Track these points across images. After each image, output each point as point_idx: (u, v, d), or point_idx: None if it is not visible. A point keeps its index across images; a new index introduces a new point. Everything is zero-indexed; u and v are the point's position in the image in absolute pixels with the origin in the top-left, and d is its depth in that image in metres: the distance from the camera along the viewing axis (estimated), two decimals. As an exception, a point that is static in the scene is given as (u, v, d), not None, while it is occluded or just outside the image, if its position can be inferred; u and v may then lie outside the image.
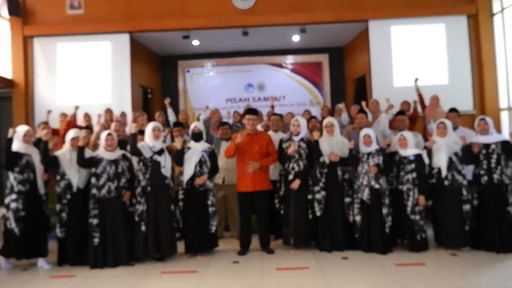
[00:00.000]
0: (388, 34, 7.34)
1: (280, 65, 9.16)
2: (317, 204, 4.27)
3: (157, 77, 9.04)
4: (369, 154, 4.25)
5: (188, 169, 4.16)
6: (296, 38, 8.19)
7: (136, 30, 7.29)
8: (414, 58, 7.31)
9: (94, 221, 3.94)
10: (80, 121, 5.97)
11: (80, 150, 3.96)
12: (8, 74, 7.32)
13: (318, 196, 4.28)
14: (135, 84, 7.65)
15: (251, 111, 4.33)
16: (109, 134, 4.12)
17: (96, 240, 3.91)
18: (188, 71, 9.14)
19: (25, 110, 7.25)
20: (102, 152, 4.05)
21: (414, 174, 4.16)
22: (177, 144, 4.21)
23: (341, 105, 6.14)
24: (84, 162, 3.98)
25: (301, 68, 9.14)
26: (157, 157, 4.06)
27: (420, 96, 6.09)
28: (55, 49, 7.30)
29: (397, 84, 7.24)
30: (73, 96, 7.18)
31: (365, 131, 4.36)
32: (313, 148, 4.30)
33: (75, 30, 7.26)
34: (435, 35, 7.36)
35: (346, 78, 9.03)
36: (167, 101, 6.48)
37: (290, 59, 9.17)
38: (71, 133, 4.14)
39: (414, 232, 4.12)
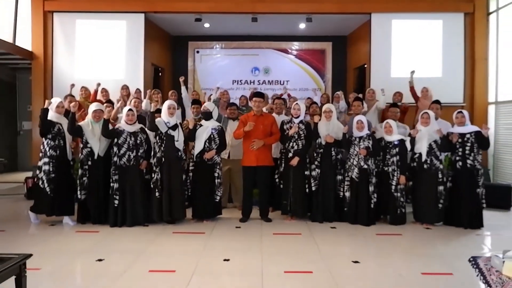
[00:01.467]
0: (389, 27, 7.75)
1: (285, 51, 9.58)
2: (312, 180, 4.83)
3: (168, 57, 9.47)
4: (360, 138, 4.78)
5: (199, 144, 4.69)
6: (302, 26, 8.59)
7: (151, 10, 7.69)
8: (412, 51, 7.75)
9: (115, 186, 4.49)
10: (99, 96, 6.45)
11: (105, 122, 4.49)
12: (28, 47, 7.77)
13: (313, 173, 4.83)
14: (148, 62, 8.09)
15: (258, 94, 4.86)
16: (130, 109, 4.64)
17: (116, 202, 4.48)
18: (198, 52, 9.57)
19: (44, 81, 7.71)
20: (123, 124, 4.58)
21: (398, 157, 4.71)
22: (190, 123, 4.72)
23: (339, 93, 6.63)
24: (108, 133, 4.51)
25: (305, 55, 9.57)
26: (171, 132, 4.59)
27: (412, 88, 6.55)
28: (74, 25, 7.70)
29: (394, 74, 7.69)
30: (89, 71, 7.63)
31: (358, 117, 4.88)
32: (311, 130, 4.83)
33: (94, 7, 7.64)
34: (432, 30, 7.78)
35: (348, 66, 9.47)
36: (181, 79, 6.89)
37: (295, 45, 9.59)
38: (93, 106, 4.66)
39: (395, 207, 4.70)
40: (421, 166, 4.70)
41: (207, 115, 4.75)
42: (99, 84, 6.54)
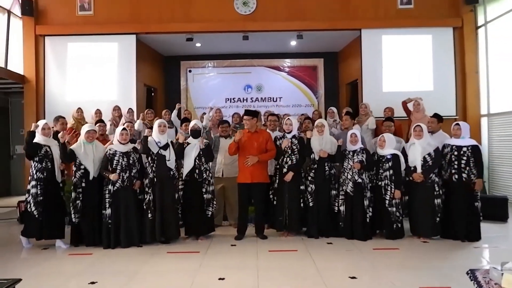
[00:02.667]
0: (379, 42, 7.88)
1: (277, 68, 9.68)
2: (309, 196, 4.78)
3: (160, 77, 9.52)
4: (354, 151, 4.77)
5: (188, 162, 4.63)
6: (293, 43, 8.71)
7: (142, 32, 7.77)
8: (402, 65, 7.88)
9: (109, 207, 4.41)
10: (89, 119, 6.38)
11: (63, 146, 4.43)
12: (20, 70, 7.78)
13: (308, 188, 4.79)
14: (140, 82, 8.13)
15: (248, 112, 4.87)
16: (124, 129, 4.61)
17: (110, 223, 4.40)
18: (190, 71, 9.64)
19: (36, 105, 7.72)
20: (115, 145, 4.53)
21: (391, 171, 4.68)
22: (180, 138, 4.70)
23: (333, 108, 6.65)
24: (65, 156, 4.49)
25: (297, 71, 9.67)
26: (162, 152, 4.55)
27: (404, 103, 6.57)
28: (66, 48, 7.76)
29: (386, 89, 7.78)
30: (81, 93, 7.65)
31: (352, 131, 4.88)
32: (304, 144, 4.81)
33: (85, 30, 7.72)
34: (422, 45, 7.92)
35: (340, 82, 9.57)
36: (178, 105, 6.91)
37: (287, 63, 9.70)
38: (86, 127, 4.61)
39: (391, 222, 4.64)
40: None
41: (196, 133, 4.73)
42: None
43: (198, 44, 8.67)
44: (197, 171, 4.63)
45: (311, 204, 4.77)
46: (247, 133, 4.75)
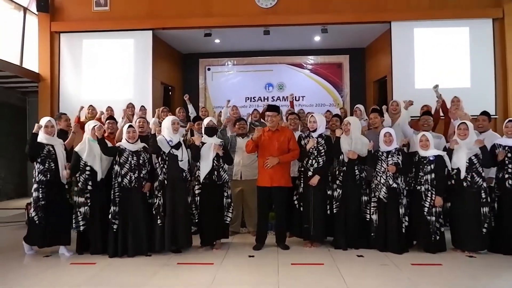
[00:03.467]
0: (411, 36, 7.28)
1: (300, 65, 9.18)
2: (334, 202, 4.29)
3: (178, 75, 9.20)
4: (388, 152, 4.24)
5: (206, 164, 4.20)
6: (317, 38, 8.21)
7: (159, 27, 7.44)
8: (437, 60, 7.25)
9: (115, 209, 4.03)
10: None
11: (100, 141, 4.06)
12: (35, 68, 7.60)
13: (335, 193, 4.30)
14: (156, 81, 7.80)
15: (272, 107, 4.37)
16: (130, 126, 4.23)
17: (115, 227, 4.01)
18: (209, 69, 9.27)
19: (51, 103, 7.50)
20: (124, 143, 4.17)
21: (433, 175, 4.11)
22: (196, 140, 4.28)
23: (359, 106, 6.10)
24: (109, 150, 4.10)
25: (321, 69, 9.14)
26: (174, 151, 4.14)
27: (443, 103, 5.97)
28: (81, 45, 7.52)
29: (419, 86, 7.17)
30: (97, 91, 7.39)
31: (386, 129, 4.34)
32: (332, 144, 4.32)
33: (101, 27, 7.46)
34: (458, 38, 7.27)
35: (367, 80, 8.99)
36: (186, 97, 6.60)
37: (310, 60, 9.18)
38: (91, 123, 4.25)
39: (429, 233, 4.08)
40: (460, 184, 4.09)
41: (211, 131, 4.31)
42: (82, 108, 6.11)
43: (217, 41, 8.29)
44: (215, 173, 4.20)
45: (336, 210, 4.28)
46: (267, 131, 4.28)
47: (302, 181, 4.36)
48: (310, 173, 4.26)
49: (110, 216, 4.02)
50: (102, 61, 7.50)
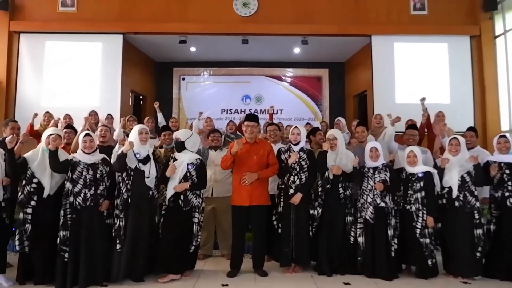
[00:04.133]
0: (391, 50, 7.17)
1: (279, 78, 8.92)
2: (318, 223, 3.90)
3: (150, 84, 8.71)
4: (375, 169, 3.91)
5: (172, 185, 3.64)
6: (296, 50, 7.98)
7: (131, 31, 6.97)
8: (417, 75, 7.16)
9: (66, 234, 3.43)
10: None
11: (52, 154, 3.49)
12: (-11, 71, 6.93)
13: (314, 212, 3.91)
14: (126, 88, 7.30)
15: (251, 117, 3.93)
16: (87, 134, 3.67)
17: (66, 256, 3.40)
18: (183, 79, 8.84)
19: (5, 109, 6.82)
20: (79, 154, 3.60)
21: (423, 193, 3.81)
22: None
23: (340, 119, 5.82)
24: (58, 166, 3.51)
25: (300, 82, 8.91)
26: (141, 166, 3.62)
27: (428, 119, 5.79)
28: (43, 47, 6.94)
29: (399, 100, 7.03)
30: (58, 97, 6.81)
31: (372, 143, 4.03)
32: (315, 159, 3.95)
33: (66, 28, 6.92)
34: (438, 54, 7.23)
35: (346, 94, 8.82)
36: (156, 104, 6.16)
37: (289, 72, 8.94)
38: (49, 130, 3.70)
39: (424, 256, 3.73)
40: (452, 203, 3.80)
41: (178, 146, 3.75)
42: (35, 115, 5.39)
43: (192, 49, 7.90)
44: (182, 197, 3.61)
45: (313, 231, 3.89)
46: (244, 143, 3.85)
47: (281, 200, 3.95)
48: (291, 191, 3.85)
49: (59, 243, 3.41)
50: (66, 65, 6.93)
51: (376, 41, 7.15)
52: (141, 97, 8.31)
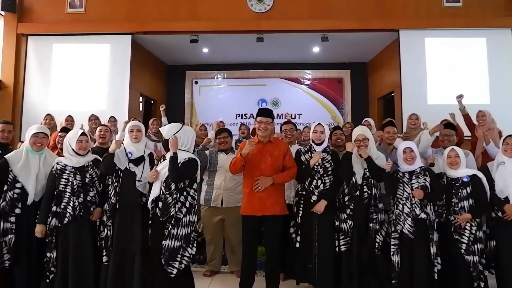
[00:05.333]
0: (422, 46, 6.52)
1: (297, 80, 8.37)
2: (342, 236, 3.30)
3: (161, 87, 8.33)
4: (412, 173, 3.29)
5: (154, 188, 3.02)
6: (316, 49, 7.43)
7: (139, 31, 6.59)
8: (451, 74, 6.46)
9: (52, 255, 2.99)
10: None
11: None
12: (-3, 75, 6.68)
13: (343, 225, 3.31)
14: (135, 92, 6.92)
15: (264, 111, 3.35)
16: (83, 133, 3.22)
17: (51, 276, 2.95)
18: (196, 83, 8.42)
19: (12, 114, 6.54)
20: (65, 158, 3.14)
21: (471, 201, 3.18)
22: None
23: (369, 119, 5.21)
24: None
25: (320, 84, 8.34)
26: (132, 167, 3.10)
27: (467, 117, 5.13)
28: (51, 50, 6.65)
29: (432, 101, 6.36)
30: (66, 101, 6.49)
31: (406, 144, 3.41)
32: (339, 162, 3.37)
33: (74, 29, 6.62)
34: (474, 49, 6.53)
35: (370, 97, 8.18)
36: (162, 107, 5.76)
37: (308, 74, 8.39)
38: (34, 128, 3.25)
39: (470, 277, 3.08)
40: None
41: (166, 144, 3.13)
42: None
43: (205, 50, 7.48)
44: (160, 204, 2.94)
45: (343, 248, 3.29)
46: (257, 143, 3.27)
47: (301, 208, 3.37)
48: (314, 198, 3.27)
49: (45, 264, 2.97)
50: (74, 68, 6.62)
51: (404, 36, 6.52)
52: (151, 101, 7.92)
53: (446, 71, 6.46)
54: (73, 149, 3.13)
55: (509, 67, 6.44)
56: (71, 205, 3.00)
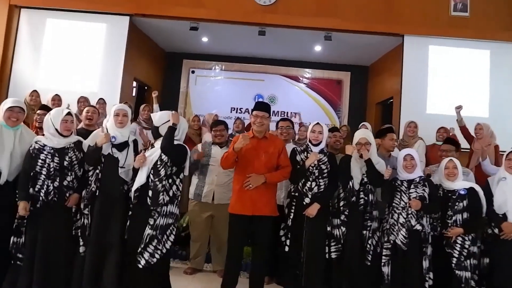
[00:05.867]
0: (426, 53, 6.39)
1: (296, 78, 8.20)
2: (333, 243, 3.15)
3: (157, 74, 8.08)
4: (410, 182, 3.17)
5: (140, 176, 2.85)
6: (318, 48, 7.27)
7: (139, 13, 6.35)
8: (452, 84, 6.36)
9: (19, 240, 2.78)
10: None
11: None
12: (-16, 46, 6.39)
13: (336, 231, 3.16)
14: (129, 76, 6.68)
15: (261, 105, 3.18)
16: (69, 113, 2.99)
17: (21, 258, 2.74)
18: (193, 72, 8.19)
19: (-2, 89, 6.27)
20: (44, 137, 2.92)
21: (465, 215, 3.09)
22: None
23: (366, 124, 5.09)
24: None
25: (318, 84, 8.18)
26: (115, 152, 2.90)
27: (464, 128, 5.05)
28: (44, 24, 6.35)
29: (431, 110, 6.25)
30: (56, 79, 6.21)
31: (407, 151, 3.30)
32: (336, 164, 3.22)
33: (70, 5, 6.32)
34: (478, 61, 6.43)
35: (369, 101, 8.06)
36: (154, 94, 5.47)
37: (307, 73, 8.22)
38: (9, 102, 2.98)
39: (461, 294, 2.98)
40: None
41: (154, 132, 3.01)
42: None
43: (204, 39, 7.26)
44: (150, 192, 2.81)
45: (335, 255, 3.15)
46: (251, 138, 3.11)
47: (293, 211, 3.22)
48: (307, 200, 3.12)
49: (10, 248, 2.75)
50: (67, 45, 6.32)
51: (408, 42, 6.39)
52: (145, 87, 7.69)
53: (447, 81, 6.36)
54: (56, 129, 2.92)
55: (510, 81, 6.37)
56: (45, 189, 2.79)
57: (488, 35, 6.37)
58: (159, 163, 2.82)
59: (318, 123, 3.29)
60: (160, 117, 2.92)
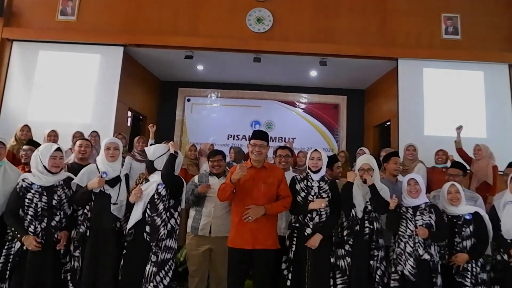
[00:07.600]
0: (420, 76, 6.43)
1: (292, 103, 8.19)
2: (339, 274, 2.99)
3: (153, 103, 8.04)
4: (416, 208, 3.04)
5: (136, 211, 2.77)
6: (313, 73, 7.28)
7: (132, 44, 6.35)
8: (449, 105, 6.37)
9: (4, 284, 2.61)
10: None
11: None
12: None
13: (341, 262, 3.01)
14: (124, 106, 6.63)
15: (259, 134, 3.07)
16: (58, 149, 2.87)
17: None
18: (189, 100, 8.16)
19: (-13, 121, 6.16)
20: (32, 175, 2.77)
21: (473, 241, 2.97)
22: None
23: (364, 149, 5.01)
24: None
25: (315, 109, 8.16)
26: (107, 189, 2.79)
27: (461, 150, 5.00)
28: (36, 57, 6.35)
29: (429, 132, 6.20)
30: (48, 111, 6.15)
31: (410, 175, 3.19)
32: (338, 192, 3.10)
33: (63, 38, 6.35)
34: (472, 82, 6.47)
35: (366, 124, 8.02)
36: (152, 128, 5.18)
37: (304, 98, 8.22)
38: None
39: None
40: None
41: (149, 166, 2.91)
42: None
43: (199, 67, 7.27)
44: (148, 228, 2.73)
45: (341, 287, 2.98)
46: (249, 168, 3.00)
47: (294, 242, 3.06)
48: (309, 231, 2.97)
49: None
50: (59, 77, 6.31)
51: (403, 65, 6.43)
52: (141, 117, 7.62)
53: (443, 102, 6.36)
54: (44, 166, 2.79)
55: (506, 101, 6.39)
56: (32, 230, 2.63)
57: (481, 57, 6.44)
58: (156, 197, 2.70)
59: (316, 150, 3.18)
60: (155, 151, 2.82)
